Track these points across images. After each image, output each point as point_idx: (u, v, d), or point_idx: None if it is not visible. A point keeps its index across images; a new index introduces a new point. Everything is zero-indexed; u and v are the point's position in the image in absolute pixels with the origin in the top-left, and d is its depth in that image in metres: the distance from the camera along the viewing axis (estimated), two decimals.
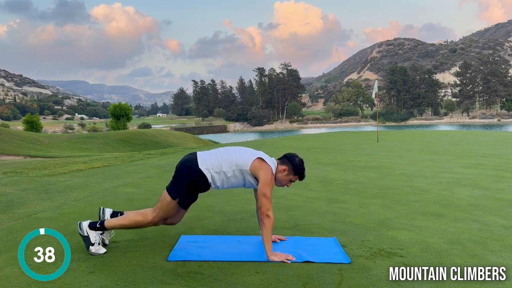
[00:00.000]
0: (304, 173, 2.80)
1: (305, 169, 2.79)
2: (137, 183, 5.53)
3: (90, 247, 2.61)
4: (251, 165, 2.65)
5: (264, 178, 2.62)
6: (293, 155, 2.78)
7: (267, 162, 2.67)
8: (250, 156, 2.69)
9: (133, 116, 49.02)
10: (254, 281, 2.20)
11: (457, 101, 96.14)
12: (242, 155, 2.70)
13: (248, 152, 2.73)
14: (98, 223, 2.68)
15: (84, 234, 2.65)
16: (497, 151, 9.58)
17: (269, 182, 2.63)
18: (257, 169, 2.64)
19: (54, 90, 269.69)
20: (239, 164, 2.66)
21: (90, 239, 2.63)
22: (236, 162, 2.67)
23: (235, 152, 2.73)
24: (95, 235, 2.64)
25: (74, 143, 23.79)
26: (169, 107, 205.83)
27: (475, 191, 4.74)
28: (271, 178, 2.65)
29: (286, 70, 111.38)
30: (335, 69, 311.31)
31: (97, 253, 2.61)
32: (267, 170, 2.64)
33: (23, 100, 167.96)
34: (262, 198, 2.59)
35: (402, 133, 20.52)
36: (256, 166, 2.65)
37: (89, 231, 2.64)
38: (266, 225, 2.56)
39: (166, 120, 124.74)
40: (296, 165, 2.74)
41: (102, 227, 2.67)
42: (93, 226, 2.66)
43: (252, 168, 2.65)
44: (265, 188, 2.60)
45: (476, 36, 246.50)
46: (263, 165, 2.65)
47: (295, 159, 2.76)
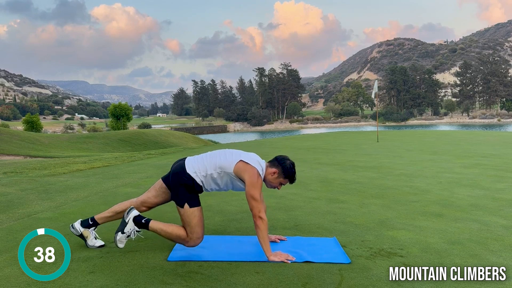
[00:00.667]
0: (295, 177, 2.77)
1: (295, 173, 2.76)
2: (137, 183, 5.53)
3: (119, 233, 2.61)
4: (235, 168, 2.64)
5: (250, 180, 2.60)
6: (284, 158, 2.77)
7: (251, 164, 2.64)
8: (234, 158, 2.68)
9: (133, 116, 49.02)
10: (254, 281, 2.20)
11: (457, 101, 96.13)
12: (226, 158, 2.69)
13: (233, 155, 2.71)
14: (144, 219, 2.67)
15: (125, 220, 2.64)
16: (497, 151, 9.57)
17: (255, 184, 2.60)
18: (241, 171, 2.63)
19: (54, 90, 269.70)
20: (223, 167, 2.66)
21: (126, 227, 2.62)
22: (219, 165, 2.66)
23: (220, 155, 2.72)
24: (131, 227, 2.63)
25: (74, 143, 23.79)
26: (169, 107, 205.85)
27: (475, 191, 4.74)
28: (257, 180, 2.62)
29: (286, 70, 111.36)
30: (335, 69, 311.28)
31: (118, 244, 2.61)
32: (251, 171, 2.62)
33: (23, 100, 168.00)
34: (251, 200, 2.58)
35: (402, 133, 20.52)
36: (240, 168, 2.64)
37: (131, 221, 2.64)
38: (260, 227, 2.55)
39: (166, 120, 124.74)
40: (286, 168, 2.72)
41: (145, 225, 2.66)
42: (138, 220, 2.65)
43: (236, 170, 2.64)
44: (252, 190, 2.58)
45: (476, 36, 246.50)
46: (247, 167, 2.63)
47: (286, 162, 2.74)
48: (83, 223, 2.81)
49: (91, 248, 2.73)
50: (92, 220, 2.82)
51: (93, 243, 2.76)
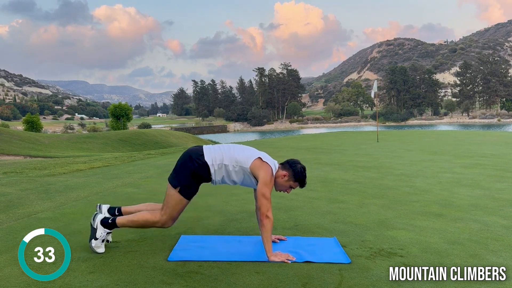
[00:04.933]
0: (305, 181, 2.77)
1: (306, 177, 2.76)
2: (137, 183, 5.53)
3: (93, 241, 2.62)
4: (252, 164, 2.65)
5: (264, 178, 2.62)
6: (295, 162, 2.77)
7: (267, 162, 2.66)
8: (251, 154, 2.69)
9: (133, 116, 49.00)
10: (254, 281, 2.20)
11: (457, 101, 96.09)
12: (244, 153, 2.70)
13: (250, 151, 2.73)
14: (110, 219, 2.67)
15: (94, 226, 2.65)
16: (497, 151, 9.57)
17: (269, 183, 2.62)
18: (257, 168, 2.64)
19: (54, 90, 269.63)
20: (240, 161, 2.66)
21: (96, 233, 2.63)
22: (237, 158, 2.67)
23: (238, 149, 2.74)
24: (101, 231, 2.64)
25: (74, 143, 23.78)
26: (169, 107, 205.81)
27: (475, 191, 4.74)
28: (271, 179, 2.64)
29: (286, 70, 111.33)
30: (335, 69, 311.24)
31: (96, 250, 2.60)
32: (267, 170, 2.64)
33: (23, 100, 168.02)
34: (262, 198, 2.58)
35: (402, 133, 20.52)
36: (256, 165, 2.65)
37: (99, 225, 2.65)
38: (266, 226, 2.55)
39: (166, 120, 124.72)
40: (297, 172, 2.72)
41: (113, 224, 2.67)
42: (105, 222, 2.66)
43: (252, 167, 2.65)
44: (264, 188, 2.60)
45: (476, 36, 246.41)
46: (264, 165, 2.65)
47: (297, 165, 2.74)
48: (110, 210, 2.86)
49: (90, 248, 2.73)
50: (119, 211, 2.85)
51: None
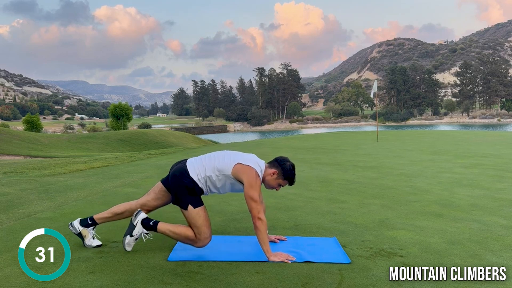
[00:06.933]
0: (294, 179, 2.76)
1: (295, 174, 2.75)
2: (137, 183, 5.53)
3: (128, 237, 2.63)
4: (233, 170, 2.64)
5: (248, 181, 2.60)
6: (284, 159, 2.76)
7: (249, 165, 2.64)
8: (231, 160, 2.68)
9: (133, 116, 48.99)
10: (254, 281, 2.20)
11: (457, 101, 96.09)
12: (224, 160, 2.69)
13: (231, 157, 2.71)
14: (152, 222, 2.67)
15: (133, 223, 2.66)
16: (497, 151, 9.57)
17: (254, 185, 2.60)
18: (240, 173, 2.63)
19: (54, 90, 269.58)
20: (221, 170, 2.66)
21: (133, 231, 2.64)
22: (217, 167, 2.66)
23: (219, 157, 2.72)
24: (139, 230, 2.64)
25: (74, 143, 23.77)
26: (169, 107, 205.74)
27: (475, 191, 4.74)
28: (255, 180, 2.61)
29: (286, 70, 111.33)
30: (335, 69, 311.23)
31: (126, 247, 2.63)
32: (249, 172, 2.62)
33: (23, 100, 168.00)
34: (250, 201, 2.57)
35: (402, 133, 20.51)
36: (238, 170, 2.63)
37: (139, 224, 2.65)
38: (260, 228, 2.54)
39: (166, 120, 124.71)
40: (286, 170, 2.71)
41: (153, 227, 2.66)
42: (146, 222, 2.66)
43: (234, 172, 2.64)
44: (250, 191, 2.58)
45: (476, 36, 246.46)
46: (245, 168, 2.63)
47: (286, 163, 2.73)
48: (82, 222, 2.82)
49: (91, 248, 2.73)
50: (91, 219, 2.82)
51: (90, 242, 2.76)
